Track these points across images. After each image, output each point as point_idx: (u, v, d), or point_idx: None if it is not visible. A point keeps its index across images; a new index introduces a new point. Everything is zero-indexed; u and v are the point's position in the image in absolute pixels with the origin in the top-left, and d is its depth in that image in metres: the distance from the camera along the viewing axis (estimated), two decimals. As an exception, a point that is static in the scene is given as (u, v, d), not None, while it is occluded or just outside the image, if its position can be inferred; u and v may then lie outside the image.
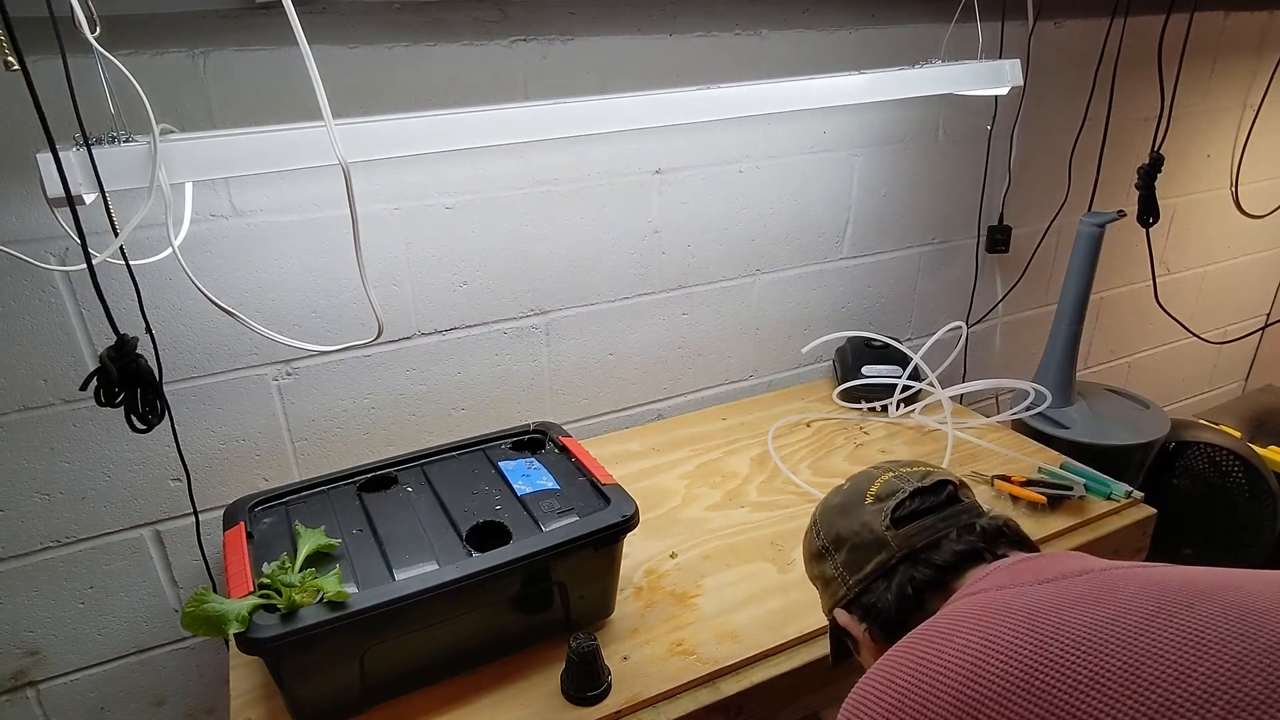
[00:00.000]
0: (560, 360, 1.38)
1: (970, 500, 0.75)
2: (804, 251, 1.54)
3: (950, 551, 0.69)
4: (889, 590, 0.71)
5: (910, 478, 0.75)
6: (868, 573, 0.73)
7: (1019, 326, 1.94)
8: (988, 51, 1.47)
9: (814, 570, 0.81)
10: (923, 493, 0.74)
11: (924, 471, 0.76)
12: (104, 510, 1.12)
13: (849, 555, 0.75)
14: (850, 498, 0.78)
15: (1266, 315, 2.46)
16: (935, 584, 0.69)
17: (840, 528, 0.77)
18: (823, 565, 0.79)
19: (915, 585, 0.69)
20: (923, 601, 0.69)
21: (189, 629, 0.75)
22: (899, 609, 0.70)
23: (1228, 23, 1.87)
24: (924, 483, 0.74)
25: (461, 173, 1.19)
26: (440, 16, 1.09)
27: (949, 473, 0.77)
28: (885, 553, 0.72)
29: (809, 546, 0.82)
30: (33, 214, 0.97)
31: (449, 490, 0.99)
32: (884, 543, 0.72)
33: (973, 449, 1.34)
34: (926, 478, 0.75)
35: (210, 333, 1.11)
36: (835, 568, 0.76)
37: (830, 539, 0.78)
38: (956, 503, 0.74)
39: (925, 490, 0.74)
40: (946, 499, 0.74)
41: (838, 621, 0.76)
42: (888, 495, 0.75)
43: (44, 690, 1.17)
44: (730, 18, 1.29)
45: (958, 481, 0.76)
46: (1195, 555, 1.76)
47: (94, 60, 0.82)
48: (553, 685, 0.89)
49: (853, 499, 0.78)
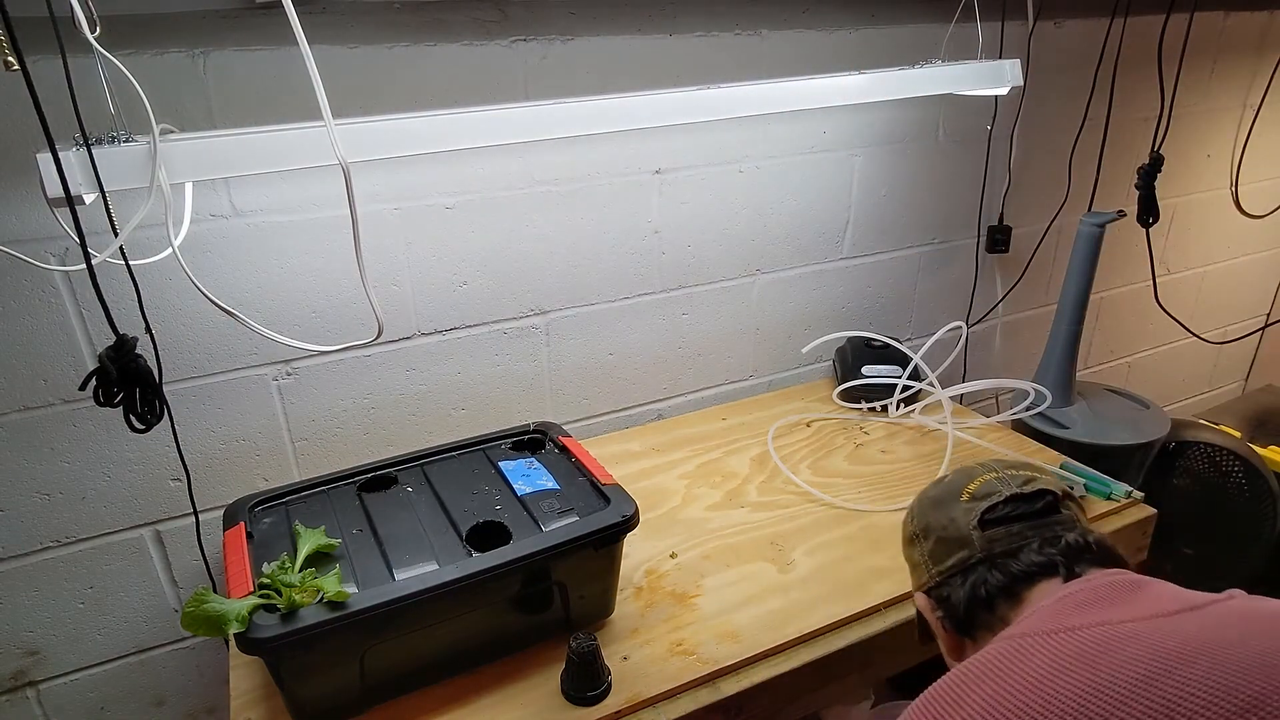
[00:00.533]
0: (560, 360, 1.38)
1: (1069, 514, 0.75)
2: (804, 251, 1.54)
3: (1027, 562, 0.70)
4: (963, 588, 0.73)
5: (1011, 482, 0.76)
6: (948, 566, 0.75)
7: (1019, 326, 1.94)
8: (988, 51, 1.47)
9: (905, 552, 0.85)
10: (1020, 499, 0.74)
11: (1027, 477, 0.77)
12: (104, 510, 1.12)
13: (934, 546, 0.77)
14: (947, 491, 0.80)
15: (1266, 315, 2.46)
16: (1006, 591, 0.70)
17: (930, 519, 0.79)
18: (911, 550, 0.82)
19: (987, 589, 0.71)
20: (992, 605, 0.71)
21: (189, 629, 0.75)
22: (968, 608, 0.72)
23: (1228, 23, 1.87)
24: (1024, 489, 0.75)
25: (461, 173, 1.19)
26: (440, 16, 1.09)
27: (1055, 483, 0.77)
28: (966, 551, 0.74)
29: (904, 529, 0.85)
30: (33, 214, 0.97)
31: (449, 490, 0.99)
32: (967, 541, 0.74)
33: (973, 449, 1.34)
34: (1028, 484, 0.75)
35: (210, 333, 1.11)
36: (922, 555, 0.79)
37: (920, 527, 0.80)
38: (1053, 513, 0.74)
39: (1023, 497, 0.74)
40: (1043, 508, 0.74)
41: (917, 605, 0.80)
42: (983, 495, 0.76)
43: (44, 690, 1.17)
44: (730, 18, 1.29)
45: (1060, 492, 0.76)
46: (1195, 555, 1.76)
47: (94, 60, 0.82)
48: (553, 685, 0.89)
49: (949, 493, 0.79)
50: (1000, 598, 0.71)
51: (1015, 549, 0.71)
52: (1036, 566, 0.70)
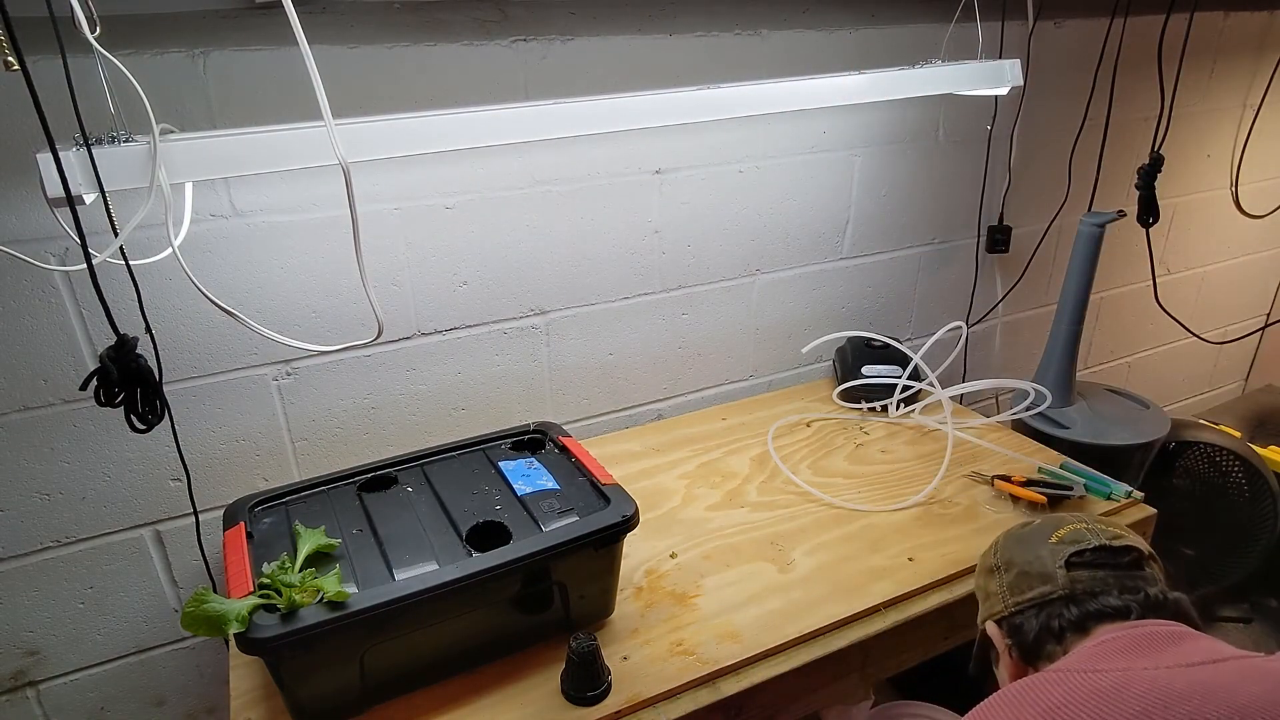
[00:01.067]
0: (560, 360, 1.38)
1: (1153, 573, 0.78)
2: (804, 251, 1.54)
3: (1104, 604, 0.74)
4: (1037, 619, 0.77)
5: (1100, 534, 0.80)
6: (1027, 599, 0.78)
7: (1019, 326, 1.94)
8: (988, 51, 1.47)
9: (980, 581, 0.88)
10: (1107, 550, 0.78)
11: (1116, 534, 0.80)
12: (104, 510, 1.12)
13: (1015, 579, 0.81)
14: (1036, 532, 0.84)
15: (1266, 315, 2.46)
16: (1077, 626, 0.74)
17: (1015, 553, 0.83)
18: (989, 580, 0.85)
19: (1061, 622, 0.75)
20: (1061, 638, 0.75)
21: (189, 629, 0.75)
22: (1038, 637, 0.76)
23: (1228, 23, 1.87)
24: (1112, 542, 0.78)
25: (461, 173, 1.19)
26: (440, 16, 1.09)
27: (1142, 543, 0.80)
28: (1049, 586, 0.77)
29: (983, 561, 0.88)
30: (33, 214, 0.97)
31: (449, 490, 0.99)
32: (1050, 578, 0.78)
33: (973, 449, 1.34)
34: (1116, 539, 0.79)
35: (210, 333, 1.11)
36: (1000, 585, 0.83)
37: (1004, 560, 0.84)
38: (1137, 569, 0.77)
39: (1110, 549, 0.78)
40: (1128, 563, 0.77)
41: (987, 632, 0.83)
42: (1071, 540, 0.79)
43: (44, 690, 1.17)
44: (730, 18, 1.29)
45: (1147, 553, 0.79)
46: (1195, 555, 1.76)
47: (94, 60, 0.82)
48: (553, 685, 0.89)
49: (1037, 534, 0.83)
50: (1071, 632, 0.74)
51: (1096, 592, 0.75)
52: (1111, 609, 0.73)
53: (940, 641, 1.05)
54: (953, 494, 1.22)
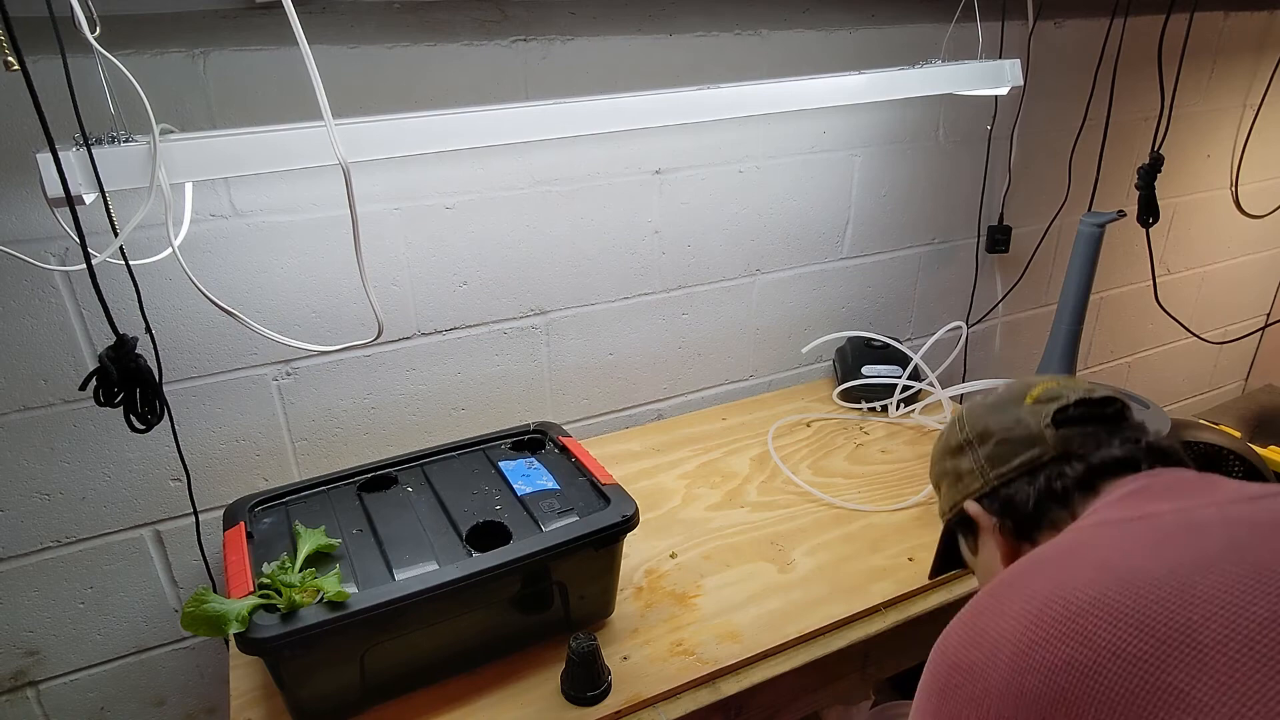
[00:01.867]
0: (560, 360, 1.38)
1: (1138, 421, 0.72)
2: (804, 251, 1.54)
3: (1108, 456, 0.68)
4: (1031, 485, 0.70)
5: (1075, 389, 0.74)
6: (1013, 467, 0.72)
7: (1019, 326, 1.94)
8: (988, 51, 1.47)
9: (946, 464, 0.80)
10: (1090, 403, 0.72)
11: (1089, 387, 0.75)
12: (104, 510, 1.12)
13: (995, 449, 0.74)
14: (1005, 398, 0.77)
15: (1266, 315, 2.46)
16: (1083, 484, 0.68)
17: (990, 422, 0.76)
18: (959, 460, 0.78)
19: (1064, 482, 0.68)
20: (1066, 499, 0.68)
21: (189, 629, 0.75)
22: (1038, 505, 0.69)
23: (1228, 23, 1.87)
24: (1090, 394, 0.72)
25: (461, 173, 1.19)
26: (440, 16, 1.09)
27: (1117, 390, 0.75)
28: (1038, 449, 0.71)
29: (947, 442, 0.81)
30: (33, 214, 0.97)
31: (449, 490, 0.99)
32: (1038, 439, 0.71)
33: (973, 449, 1.34)
34: (1092, 392, 0.73)
35: (210, 333, 1.11)
36: (976, 461, 0.76)
37: (976, 432, 0.77)
38: (1123, 420, 0.72)
39: (1092, 401, 0.72)
40: (1114, 414, 0.72)
41: (967, 512, 0.76)
42: (1049, 399, 0.73)
43: (44, 690, 1.17)
44: (730, 18, 1.29)
45: (1124, 402, 0.74)
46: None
47: (94, 60, 0.82)
48: (553, 685, 0.89)
49: (1008, 398, 0.77)
50: (1077, 491, 0.68)
51: (1094, 446, 0.69)
52: (1116, 461, 0.67)
53: (940, 641, 1.05)
54: (953, 494, 1.22)
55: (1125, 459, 0.68)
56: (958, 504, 0.78)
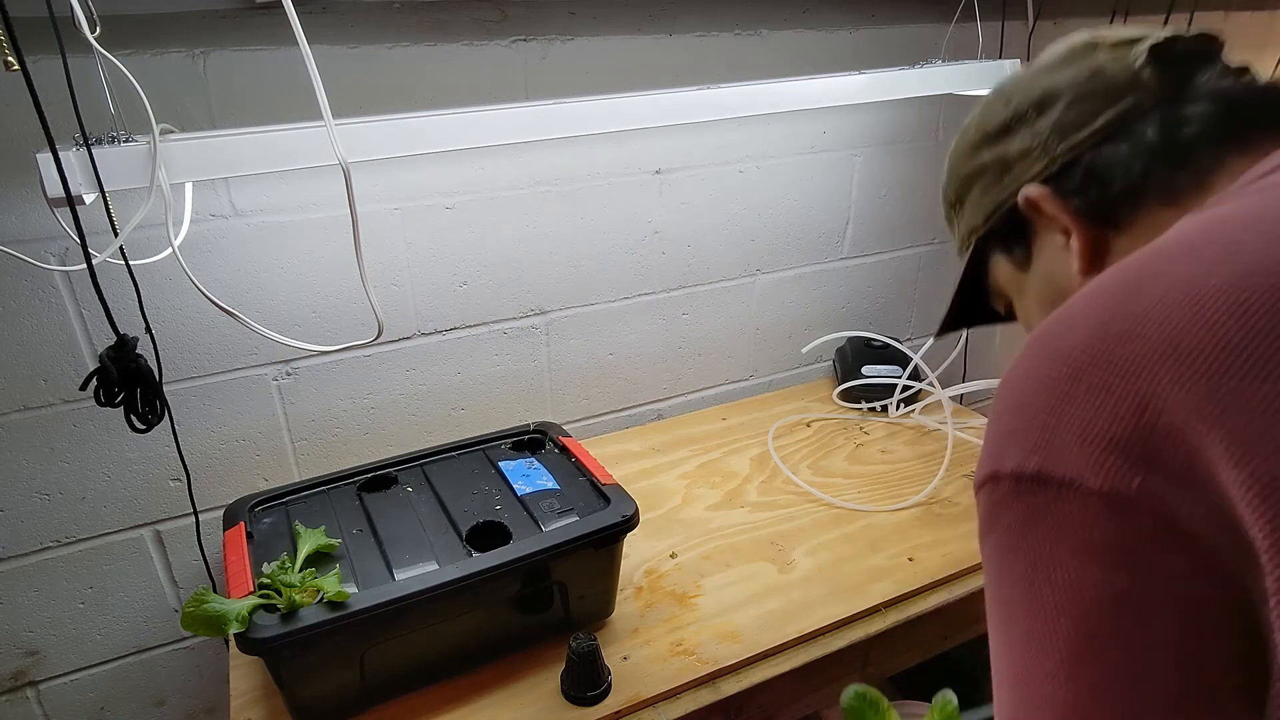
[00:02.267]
0: (560, 360, 1.38)
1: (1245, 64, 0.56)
2: (804, 251, 1.54)
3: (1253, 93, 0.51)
4: (1131, 142, 0.53)
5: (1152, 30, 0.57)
6: (1096, 129, 0.55)
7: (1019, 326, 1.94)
8: (988, 51, 1.47)
9: (981, 160, 0.63)
10: (1189, 39, 0.55)
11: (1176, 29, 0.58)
12: (104, 510, 1.12)
13: (1065, 113, 0.56)
14: (1063, 54, 0.59)
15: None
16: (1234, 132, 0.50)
17: (1048, 83, 0.58)
18: (1005, 144, 0.60)
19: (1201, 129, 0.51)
20: (1188, 159, 0.50)
21: (189, 629, 0.75)
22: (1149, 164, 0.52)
23: (1228, 23, 1.87)
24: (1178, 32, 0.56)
25: (461, 173, 1.19)
26: (440, 16, 1.09)
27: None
28: (1135, 96, 0.54)
29: (982, 128, 0.63)
30: (33, 214, 0.97)
31: (449, 490, 0.99)
32: (1135, 85, 0.54)
33: (973, 449, 1.34)
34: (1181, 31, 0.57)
35: (210, 333, 1.11)
36: (1032, 137, 0.58)
37: (1032, 100, 0.59)
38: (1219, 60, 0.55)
39: (1184, 38, 0.55)
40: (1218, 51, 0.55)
41: (1025, 204, 0.58)
42: (1130, 41, 0.56)
43: (44, 690, 1.17)
44: (730, 18, 1.29)
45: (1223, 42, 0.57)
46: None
47: (94, 60, 0.82)
48: (553, 685, 0.89)
49: (1070, 53, 0.59)
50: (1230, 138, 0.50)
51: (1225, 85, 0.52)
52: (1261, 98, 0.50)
53: (940, 641, 1.05)
54: (953, 494, 1.22)
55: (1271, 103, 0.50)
56: (1005, 200, 0.60)
